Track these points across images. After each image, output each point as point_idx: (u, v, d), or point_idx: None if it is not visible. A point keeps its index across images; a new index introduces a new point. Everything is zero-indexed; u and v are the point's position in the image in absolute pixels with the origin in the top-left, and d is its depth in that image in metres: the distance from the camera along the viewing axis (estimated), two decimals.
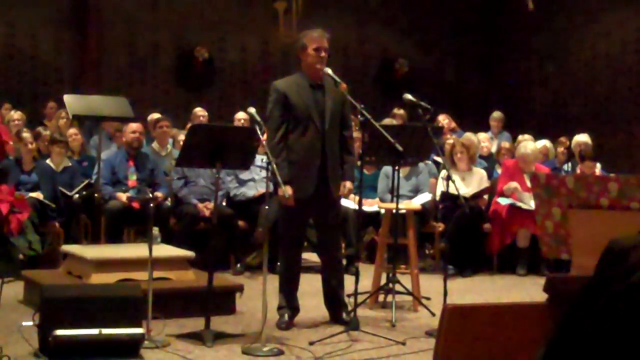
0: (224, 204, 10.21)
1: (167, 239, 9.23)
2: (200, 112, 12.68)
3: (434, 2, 18.01)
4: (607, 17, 16.07)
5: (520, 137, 12.29)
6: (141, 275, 7.19)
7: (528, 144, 10.96)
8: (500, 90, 17.84)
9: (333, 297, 7.51)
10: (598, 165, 11.56)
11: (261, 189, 10.08)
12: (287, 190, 6.88)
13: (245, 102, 8.56)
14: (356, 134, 9.06)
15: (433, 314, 7.72)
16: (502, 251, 10.67)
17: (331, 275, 7.51)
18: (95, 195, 9.92)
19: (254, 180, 10.41)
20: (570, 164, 11.86)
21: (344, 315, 7.40)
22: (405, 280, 8.20)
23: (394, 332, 7.24)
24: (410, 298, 8.22)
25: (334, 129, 7.26)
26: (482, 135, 12.65)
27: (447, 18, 18.10)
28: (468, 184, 10.56)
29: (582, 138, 12.25)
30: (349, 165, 7.41)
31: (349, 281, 7.51)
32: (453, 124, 13.37)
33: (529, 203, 9.98)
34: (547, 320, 3.59)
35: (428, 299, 8.35)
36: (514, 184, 10.57)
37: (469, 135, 11.52)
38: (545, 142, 12.32)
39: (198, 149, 6.87)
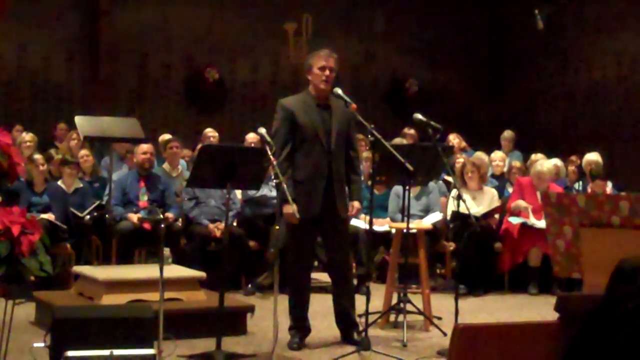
0: (234, 224, 10.21)
1: (178, 260, 9.24)
2: (210, 132, 12.69)
3: (444, 22, 18.02)
4: (616, 36, 16.07)
5: (533, 156, 12.26)
6: (152, 296, 7.19)
7: (544, 162, 10.95)
8: (510, 109, 17.83)
9: (344, 317, 7.49)
10: (609, 184, 11.54)
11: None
12: (292, 208, 6.86)
13: (255, 123, 8.56)
14: (367, 154, 9.06)
15: (444, 334, 7.70)
16: (514, 270, 10.64)
17: (342, 294, 7.49)
18: (107, 216, 9.94)
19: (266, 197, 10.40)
20: (581, 183, 11.84)
21: (355, 335, 7.38)
22: (417, 300, 8.19)
23: (405, 352, 7.23)
24: (421, 318, 8.20)
25: (340, 149, 7.26)
26: (497, 155, 12.62)
27: (456, 38, 18.11)
28: (479, 203, 10.55)
29: (593, 157, 12.23)
30: (356, 186, 7.41)
31: (360, 301, 7.50)
32: (463, 144, 13.37)
33: (540, 222, 9.96)
34: (558, 340, 3.58)
35: (439, 318, 8.33)
36: (523, 203, 10.56)
37: (479, 154, 11.51)
38: (555, 161, 12.29)
39: (209, 170, 6.89)
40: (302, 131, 7.22)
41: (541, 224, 9.79)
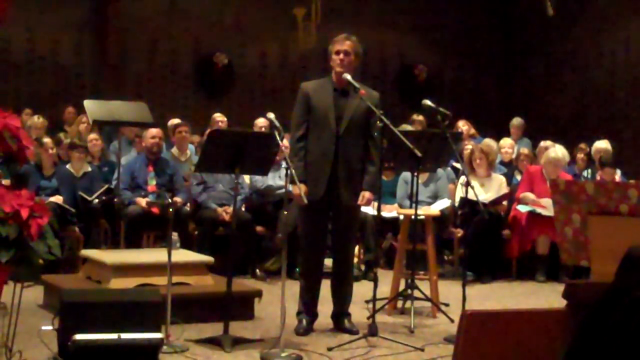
0: (243, 209, 10.21)
1: (186, 244, 9.25)
2: (219, 117, 12.68)
3: (453, 8, 17.98)
4: (626, 24, 16.00)
5: (542, 143, 12.19)
6: (160, 280, 7.21)
7: (558, 149, 10.88)
8: (519, 96, 17.80)
9: (336, 304, 7.50)
10: (618, 171, 11.51)
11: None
12: (300, 189, 6.85)
13: (264, 108, 8.56)
14: None
15: (452, 320, 7.70)
16: (522, 257, 10.65)
17: (338, 281, 7.49)
18: (115, 200, 9.95)
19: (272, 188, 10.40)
20: (590, 171, 11.82)
21: (346, 322, 7.39)
22: (424, 287, 8.19)
23: (412, 338, 7.23)
24: (429, 304, 8.21)
25: (352, 136, 7.22)
26: (506, 142, 12.59)
27: (466, 24, 18.06)
28: (487, 190, 10.54)
29: (602, 144, 12.18)
30: (369, 176, 7.30)
31: (367, 287, 7.51)
32: (472, 130, 13.33)
33: (550, 209, 9.95)
34: (566, 327, 3.59)
35: (447, 305, 8.33)
36: (531, 196, 10.54)
37: (488, 141, 11.48)
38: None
39: (217, 155, 6.89)
40: (314, 114, 7.24)
41: (549, 211, 9.79)
